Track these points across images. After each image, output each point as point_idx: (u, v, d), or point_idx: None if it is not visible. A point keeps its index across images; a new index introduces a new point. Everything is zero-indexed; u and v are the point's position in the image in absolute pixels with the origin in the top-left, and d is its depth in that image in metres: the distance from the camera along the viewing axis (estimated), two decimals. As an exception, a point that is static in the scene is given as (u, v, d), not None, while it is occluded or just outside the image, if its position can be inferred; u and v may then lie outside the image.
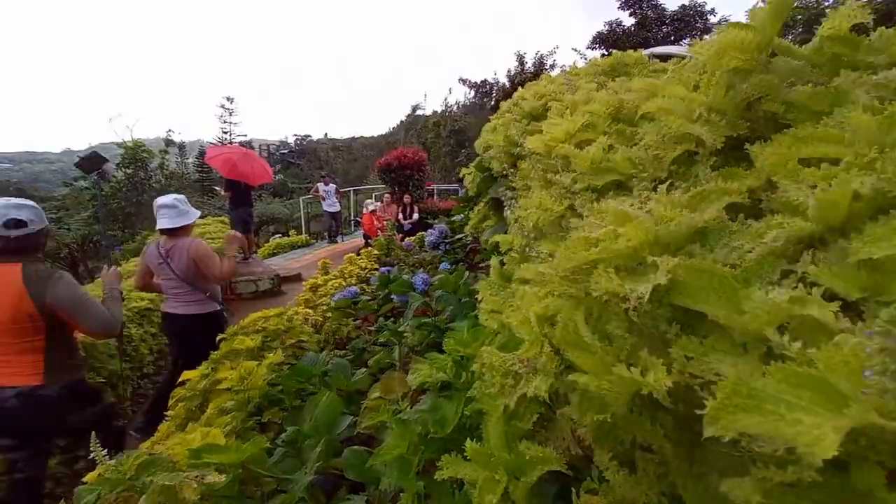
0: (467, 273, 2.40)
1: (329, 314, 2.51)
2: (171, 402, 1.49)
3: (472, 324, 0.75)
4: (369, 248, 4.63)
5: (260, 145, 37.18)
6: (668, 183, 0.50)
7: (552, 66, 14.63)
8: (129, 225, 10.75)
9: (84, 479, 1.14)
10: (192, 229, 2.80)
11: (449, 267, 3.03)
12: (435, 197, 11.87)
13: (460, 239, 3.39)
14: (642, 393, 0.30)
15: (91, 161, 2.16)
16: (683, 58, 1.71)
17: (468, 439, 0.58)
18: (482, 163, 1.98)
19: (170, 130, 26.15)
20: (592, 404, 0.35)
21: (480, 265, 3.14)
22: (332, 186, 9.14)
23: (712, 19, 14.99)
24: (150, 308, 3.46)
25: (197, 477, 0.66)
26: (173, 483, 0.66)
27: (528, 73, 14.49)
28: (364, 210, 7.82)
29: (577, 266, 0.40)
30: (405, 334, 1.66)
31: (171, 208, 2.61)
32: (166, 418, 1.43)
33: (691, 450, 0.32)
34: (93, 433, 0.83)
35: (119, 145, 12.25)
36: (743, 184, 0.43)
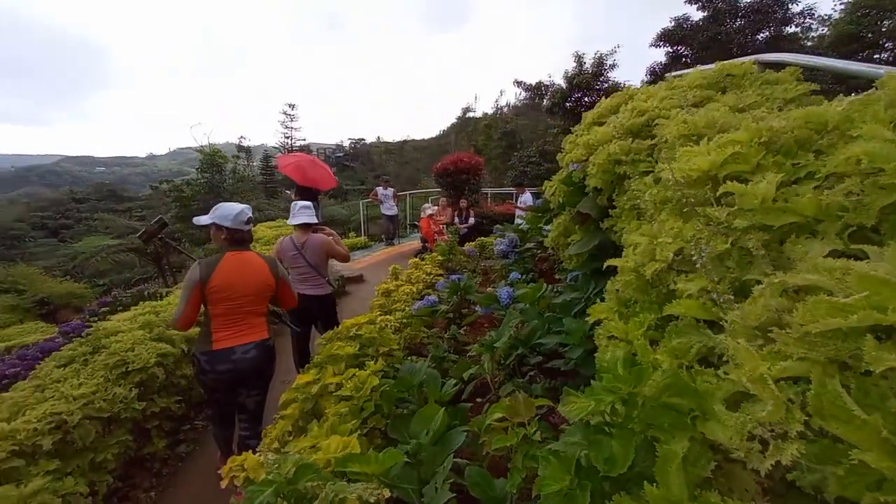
0: (546, 286, 2.38)
1: (405, 320, 2.59)
2: (281, 402, 1.61)
3: (624, 358, 0.74)
4: (434, 254, 4.71)
5: (317, 149, 38.97)
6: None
7: (612, 67, 14.10)
8: (193, 223, 11.64)
9: (222, 470, 1.25)
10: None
11: (519, 276, 3.02)
12: (489, 201, 11.85)
13: (529, 249, 3.37)
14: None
15: (155, 230, 2.44)
16: (800, 66, 1.60)
17: (644, 481, 0.59)
18: (570, 177, 1.95)
19: (242, 137, 28.05)
20: (863, 479, 0.35)
21: (554, 276, 3.10)
22: (391, 190, 9.38)
23: (794, 8, 13.75)
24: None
25: (361, 495, 0.71)
26: (341, 496, 0.72)
27: (586, 74, 14.07)
28: (421, 214, 7.95)
29: (824, 331, 0.39)
30: (496, 345, 1.67)
31: (307, 209, 3.13)
32: (280, 416, 1.54)
33: None
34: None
35: (197, 150, 13.34)
36: None
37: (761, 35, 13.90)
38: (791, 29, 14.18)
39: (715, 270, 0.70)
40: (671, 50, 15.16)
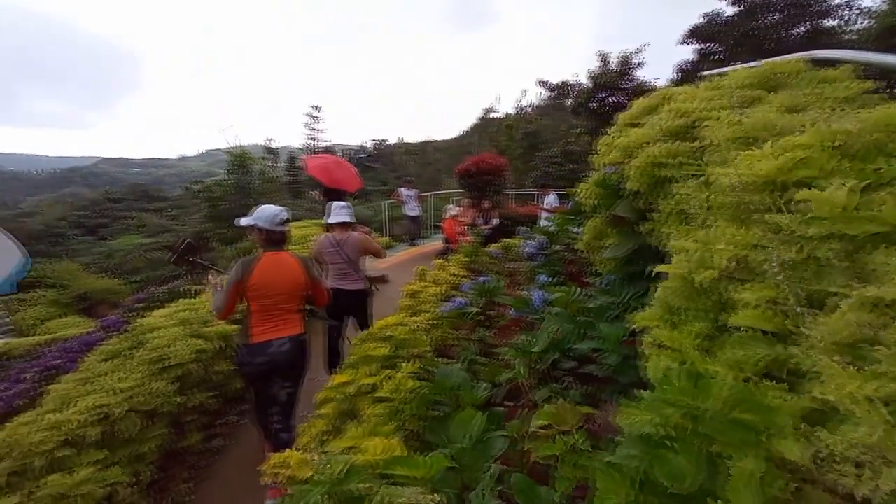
0: (577, 290, 2.34)
1: (433, 322, 2.59)
2: (318, 401, 1.63)
3: (687, 370, 0.72)
4: (458, 256, 4.71)
5: (341, 150, 39.54)
6: None
7: (639, 65, 13.79)
8: (234, 224, 11.99)
9: (264, 467, 1.28)
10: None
11: (548, 279, 2.99)
12: (512, 202, 11.77)
13: (558, 251, 3.33)
14: None
15: (182, 252, 2.62)
16: (858, 63, 1.52)
17: (707, 498, 0.57)
18: (606, 179, 1.92)
19: (269, 139, 28.64)
20: None
21: (583, 280, 3.05)
22: (414, 191, 9.44)
23: (833, 0, 13.11)
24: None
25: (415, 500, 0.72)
26: (395, 500, 0.72)
27: (611, 73, 13.81)
28: (444, 215, 7.96)
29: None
30: (533, 350, 1.66)
31: (346, 208, 3.33)
32: (314, 414, 1.57)
33: None
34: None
35: (227, 152, 13.74)
36: None
37: (798, 30, 13.33)
38: (830, 22, 13.54)
39: (786, 281, 0.67)
40: (701, 47, 14.71)
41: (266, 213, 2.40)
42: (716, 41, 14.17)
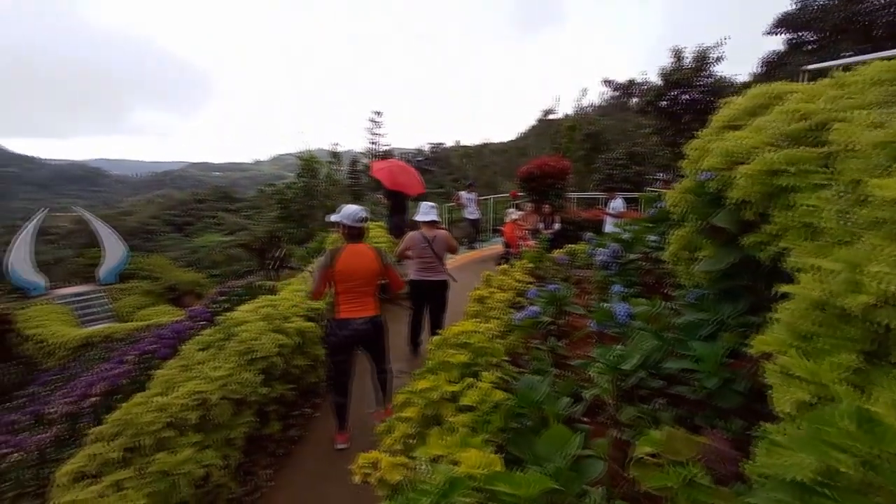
0: (662, 303, 2.20)
1: (505, 329, 2.56)
2: (400, 403, 1.66)
3: (858, 413, 0.64)
4: (523, 261, 4.63)
5: (399, 153, 40.62)
6: None
7: (717, 60, 12.77)
8: (303, 224, 12.77)
9: (356, 467, 1.32)
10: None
11: (623, 290, 2.84)
12: (573, 205, 11.39)
13: (634, 260, 3.15)
14: None
15: (278, 260, 3.54)
16: None
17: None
18: (703, 186, 1.78)
19: (335, 143, 29.99)
20: None
21: (662, 291, 2.87)
22: (474, 195, 9.45)
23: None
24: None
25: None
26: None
27: (686, 70, 12.93)
28: (505, 219, 7.88)
29: None
30: (623, 367, 1.57)
31: (434, 209, 3.97)
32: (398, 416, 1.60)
33: None
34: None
35: (297, 156, 14.63)
36: None
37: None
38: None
39: None
40: (792, 37, 13.34)
41: (348, 211, 2.85)
42: (810, 29, 12.78)
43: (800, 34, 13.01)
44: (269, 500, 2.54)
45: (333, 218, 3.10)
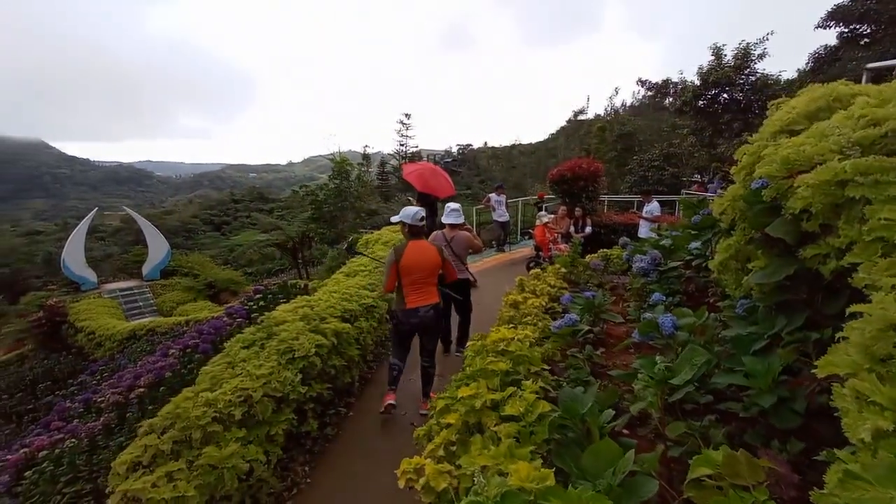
0: (709, 314, 2.13)
1: (542, 337, 2.53)
2: (438, 409, 1.67)
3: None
4: (556, 266, 4.56)
5: (427, 155, 40.84)
6: None
7: (761, 57, 12.18)
8: (334, 225, 13.04)
9: (399, 471, 1.34)
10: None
11: (663, 298, 2.75)
12: (605, 208, 11.14)
13: (675, 268, 3.05)
14: None
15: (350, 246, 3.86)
16: None
17: None
18: (757, 194, 1.71)
19: (366, 146, 30.42)
20: None
21: (705, 301, 2.77)
22: (503, 197, 9.38)
23: None
24: (373, 305, 4.08)
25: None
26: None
27: (726, 68, 12.40)
28: (537, 222, 7.79)
29: None
30: (673, 381, 1.53)
31: (456, 211, 4.08)
32: (440, 423, 1.61)
33: None
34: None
35: (329, 158, 14.95)
36: None
37: None
38: None
39: None
40: (845, 30, 12.57)
41: (409, 211, 3.24)
42: (865, 22, 12.01)
43: (854, 27, 12.25)
44: (306, 497, 2.61)
45: (395, 218, 3.30)
